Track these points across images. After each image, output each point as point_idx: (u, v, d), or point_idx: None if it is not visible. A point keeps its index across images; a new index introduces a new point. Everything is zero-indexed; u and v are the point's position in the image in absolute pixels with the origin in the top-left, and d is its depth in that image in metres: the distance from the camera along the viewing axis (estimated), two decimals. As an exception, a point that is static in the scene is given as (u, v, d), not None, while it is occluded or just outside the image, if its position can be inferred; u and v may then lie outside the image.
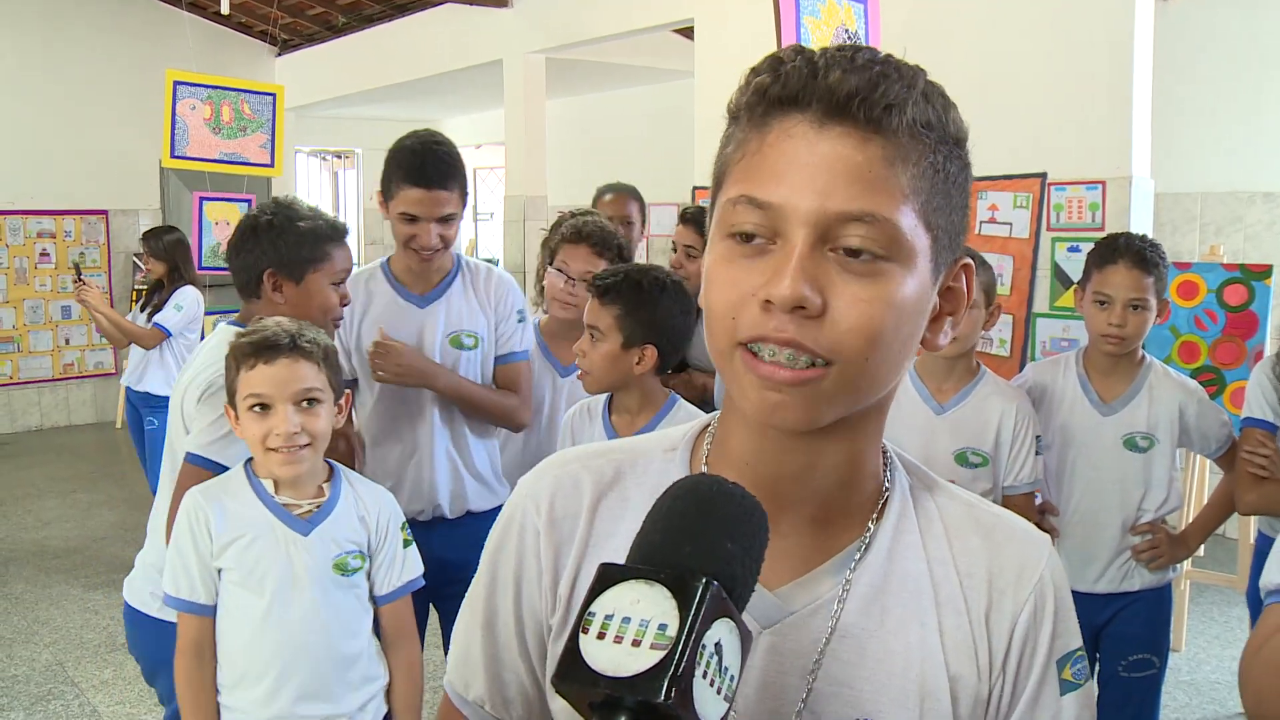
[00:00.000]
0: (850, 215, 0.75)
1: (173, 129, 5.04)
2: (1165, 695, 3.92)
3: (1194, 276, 4.30)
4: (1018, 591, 0.85)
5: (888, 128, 0.76)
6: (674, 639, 0.63)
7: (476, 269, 2.76)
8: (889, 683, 0.83)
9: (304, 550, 1.95)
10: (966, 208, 0.83)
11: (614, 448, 0.95)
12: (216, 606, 1.96)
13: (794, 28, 3.43)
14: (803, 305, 0.74)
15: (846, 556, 0.85)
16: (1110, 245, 2.64)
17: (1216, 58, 5.68)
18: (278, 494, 1.97)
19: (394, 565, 2.05)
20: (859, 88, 0.75)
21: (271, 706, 1.93)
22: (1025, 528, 0.90)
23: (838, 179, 0.75)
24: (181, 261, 5.47)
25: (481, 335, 2.70)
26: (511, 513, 0.93)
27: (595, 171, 9.43)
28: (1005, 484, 2.55)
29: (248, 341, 1.94)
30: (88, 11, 9.21)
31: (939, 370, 2.57)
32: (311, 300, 2.30)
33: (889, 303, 0.76)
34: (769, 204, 0.76)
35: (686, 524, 0.70)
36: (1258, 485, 2.60)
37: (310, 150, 12.17)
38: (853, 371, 0.77)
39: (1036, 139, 4.33)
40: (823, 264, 0.76)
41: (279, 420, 1.90)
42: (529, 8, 7.34)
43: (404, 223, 2.54)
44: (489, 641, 0.92)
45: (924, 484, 0.91)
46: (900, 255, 0.76)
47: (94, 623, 4.77)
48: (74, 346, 9.27)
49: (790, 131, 0.77)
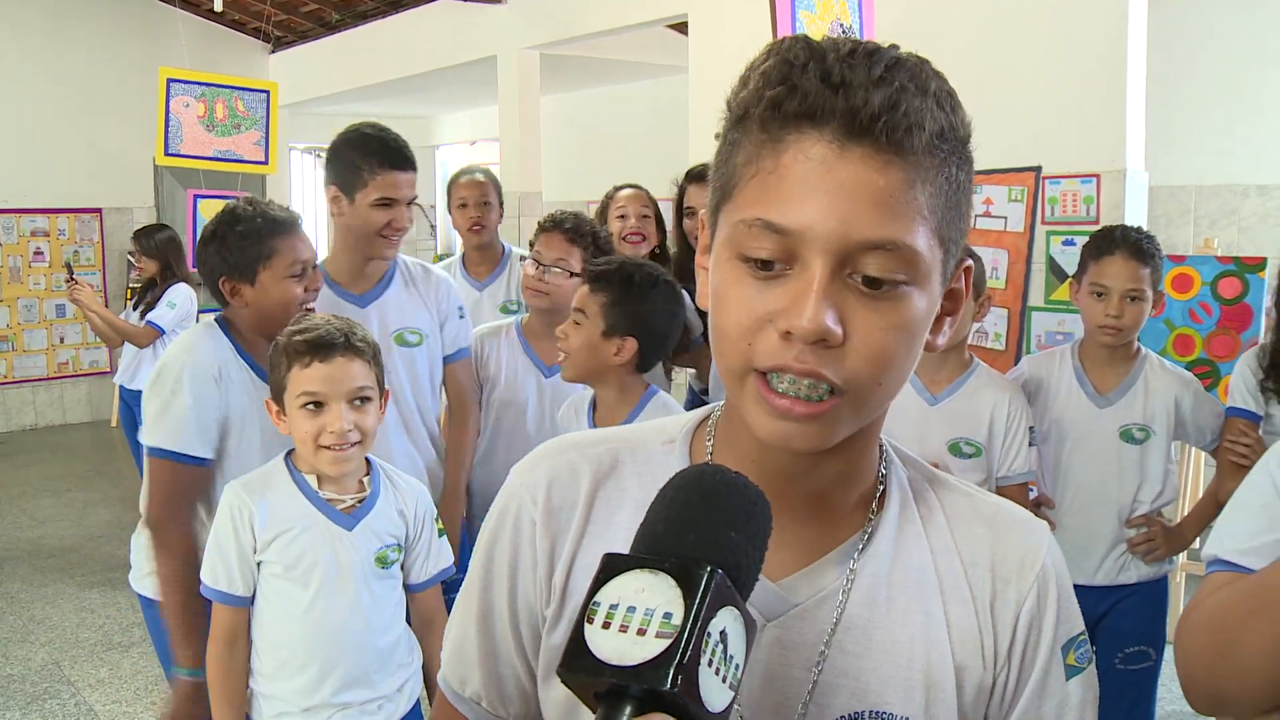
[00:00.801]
0: (872, 244, 0.73)
1: (166, 126, 5.03)
2: (1162, 687, 3.93)
3: (1189, 269, 4.30)
4: (1021, 579, 0.85)
5: (908, 148, 0.73)
6: (679, 628, 0.64)
7: (412, 268, 2.78)
8: (895, 673, 0.82)
9: (348, 545, 1.98)
10: (971, 208, 0.82)
11: (610, 436, 0.94)
12: (255, 597, 2.00)
13: (789, 21, 3.43)
14: (825, 338, 0.73)
15: (849, 547, 0.85)
16: (1106, 237, 2.65)
17: (1211, 51, 5.69)
18: (321, 489, 1.99)
19: (429, 555, 2.10)
20: (882, 108, 0.72)
21: (314, 696, 1.96)
22: (1025, 516, 0.90)
23: (860, 205, 0.73)
24: (174, 259, 5.47)
25: (425, 332, 2.70)
26: (506, 503, 0.91)
27: (590, 167, 9.45)
28: (999, 475, 2.55)
29: (302, 340, 1.95)
30: (81, 10, 9.19)
31: (931, 362, 2.58)
32: (270, 297, 2.28)
33: (904, 328, 0.76)
34: (788, 230, 0.74)
35: (691, 513, 0.70)
36: (1238, 474, 2.60)
37: (305, 147, 12.14)
38: (865, 397, 0.77)
39: (1031, 133, 4.34)
40: (842, 292, 0.74)
41: (333, 418, 1.92)
42: (523, 4, 7.33)
43: (380, 209, 2.56)
44: (485, 637, 0.91)
45: (923, 476, 0.91)
46: (917, 278, 0.76)
47: (90, 621, 4.76)
48: (68, 345, 9.25)
49: (809, 152, 0.74)
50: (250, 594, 1.99)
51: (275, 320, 2.23)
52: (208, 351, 2.25)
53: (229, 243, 2.27)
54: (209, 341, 2.27)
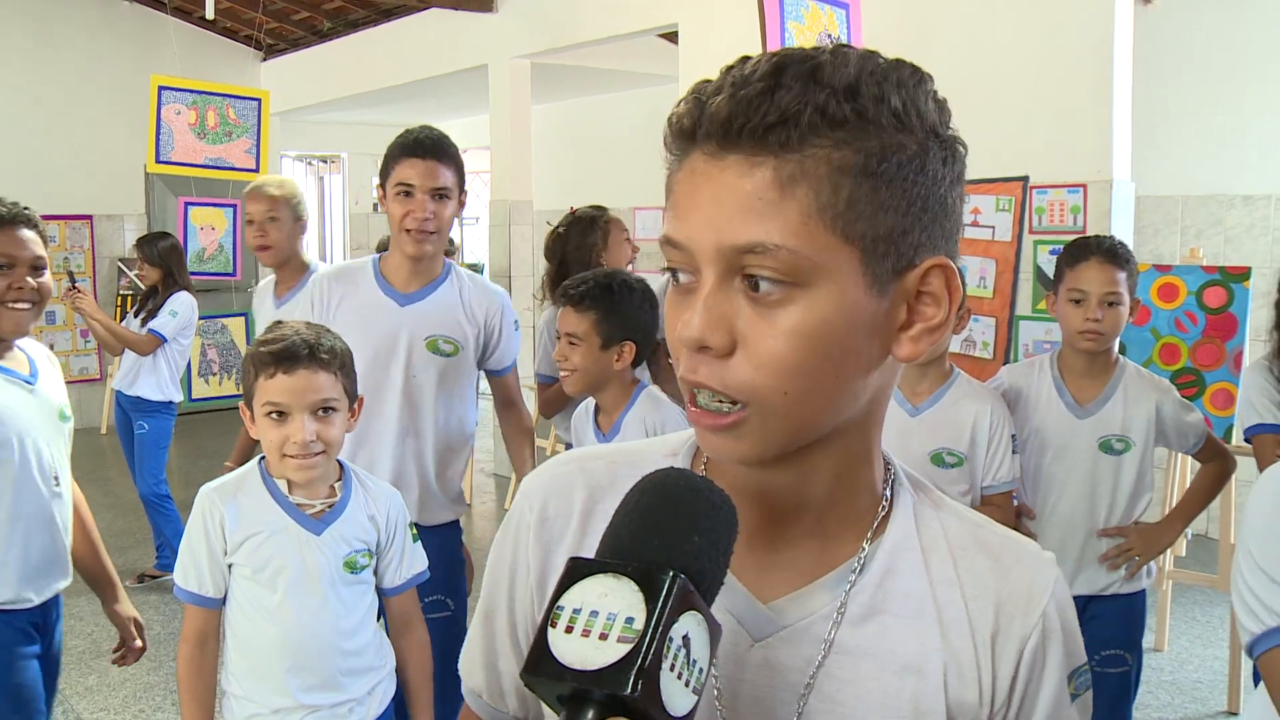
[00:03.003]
0: (742, 248, 0.72)
1: (157, 134, 5.04)
2: (1148, 695, 3.96)
3: (1174, 279, 4.33)
4: (1027, 615, 0.83)
5: (786, 145, 0.71)
6: (640, 632, 0.64)
7: (467, 279, 2.78)
8: (883, 702, 0.81)
9: (316, 550, 2.01)
10: (923, 202, 0.74)
11: (613, 451, 0.94)
12: (225, 599, 2.03)
13: (779, 33, 3.46)
14: (707, 346, 0.73)
15: (844, 571, 0.83)
16: (1080, 244, 2.68)
17: (1197, 61, 5.73)
18: (291, 494, 2.02)
19: (402, 560, 2.13)
20: (734, 112, 0.72)
21: (283, 697, 1.99)
22: (1033, 549, 0.87)
23: (727, 211, 0.73)
24: (176, 267, 5.47)
25: (461, 343, 2.70)
26: (513, 509, 0.93)
27: (581, 176, 9.48)
28: (984, 484, 2.57)
29: (268, 350, 1.97)
30: (72, 17, 9.19)
31: (912, 373, 2.60)
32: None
33: (799, 334, 0.73)
34: (679, 243, 0.76)
35: (654, 518, 0.70)
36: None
37: (296, 155, 12.15)
38: (773, 407, 0.74)
39: (1018, 143, 4.36)
40: (733, 299, 0.74)
41: (295, 429, 1.95)
42: (514, 13, 7.35)
43: (399, 199, 2.58)
44: (486, 633, 0.93)
45: (930, 502, 0.88)
46: (809, 278, 0.72)
47: (78, 629, 4.75)
48: (58, 352, 9.15)
49: (693, 166, 0.75)
50: (221, 596, 2.02)
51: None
52: None
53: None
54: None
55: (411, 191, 2.56)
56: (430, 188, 2.57)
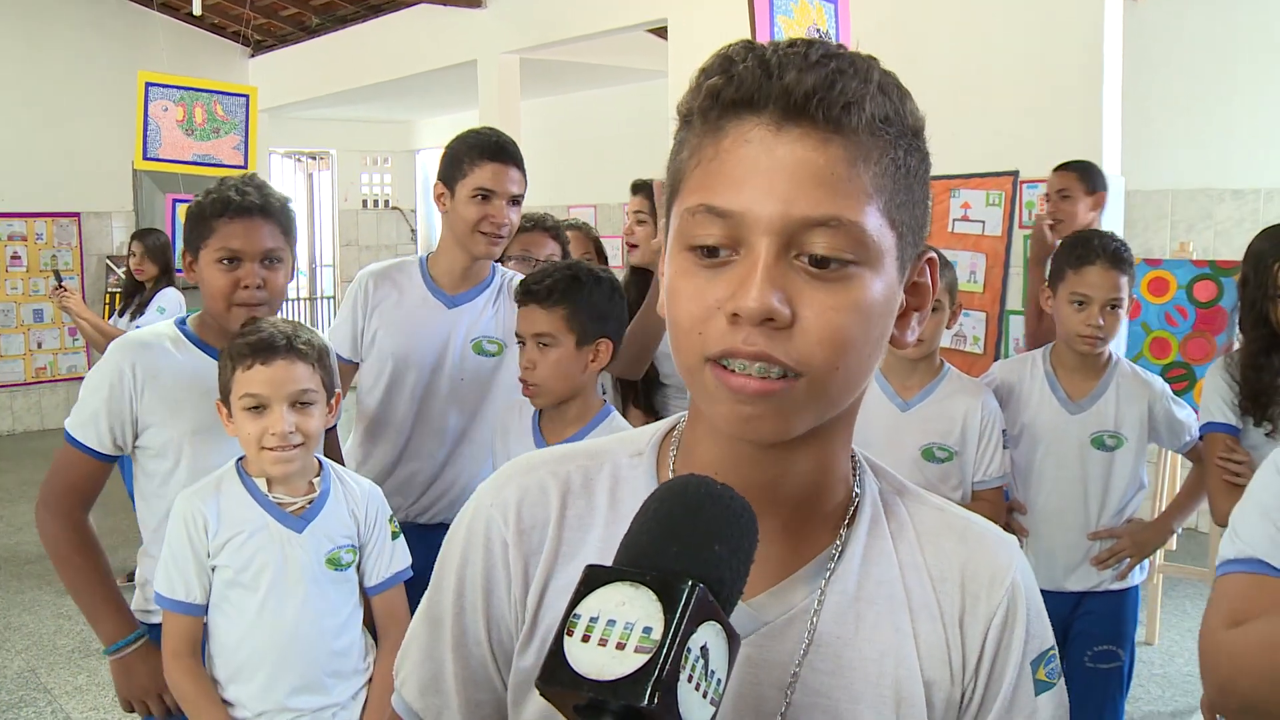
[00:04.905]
0: (815, 221, 0.73)
1: (145, 131, 5.01)
2: (1139, 688, 3.97)
3: (1164, 273, 4.33)
4: (991, 594, 0.85)
5: (847, 126, 0.73)
6: (658, 642, 0.62)
7: (514, 282, 2.74)
8: (865, 691, 0.82)
9: (298, 547, 1.98)
10: (928, 200, 0.81)
11: (578, 451, 0.92)
12: (208, 605, 1.99)
13: (768, 27, 3.45)
14: (772, 317, 0.72)
15: (820, 564, 0.84)
16: (1085, 245, 2.60)
17: (1186, 56, 5.74)
18: (270, 491, 1.99)
19: (383, 557, 2.09)
20: (816, 86, 0.72)
21: (267, 699, 1.96)
22: (994, 531, 0.89)
23: (800, 183, 0.73)
24: (170, 263, 5.46)
25: (506, 344, 2.66)
26: (473, 524, 0.89)
27: (570, 172, 9.45)
28: (975, 479, 2.57)
29: (245, 342, 1.96)
30: (58, 13, 9.13)
31: (903, 368, 2.59)
32: (203, 280, 2.19)
33: (858, 309, 0.74)
34: (730, 212, 0.74)
35: (674, 526, 0.69)
36: (1234, 492, 2.51)
37: (285, 151, 12.11)
38: (824, 381, 0.75)
39: (1009, 137, 4.37)
40: (789, 273, 0.74)
41: (274, 420, 1.93)
42: (503, 8, 7.33)
43: (476, 202, 2.53)
44: (460, 663, 0.88)
45: (894, 488, 0.90)
46: (868, 258, 0.74)
47: (67, 629, 4.73)
48: (46, 350, 9.19)
49: (747, 136, 0.74)
50: (206, 601, 1.98)
51: (212, 311, 2.18)
52: None
53: (191, 212, 2.24)
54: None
55: (490, 196, 2.53)
56: (511, 194, 2.55)
